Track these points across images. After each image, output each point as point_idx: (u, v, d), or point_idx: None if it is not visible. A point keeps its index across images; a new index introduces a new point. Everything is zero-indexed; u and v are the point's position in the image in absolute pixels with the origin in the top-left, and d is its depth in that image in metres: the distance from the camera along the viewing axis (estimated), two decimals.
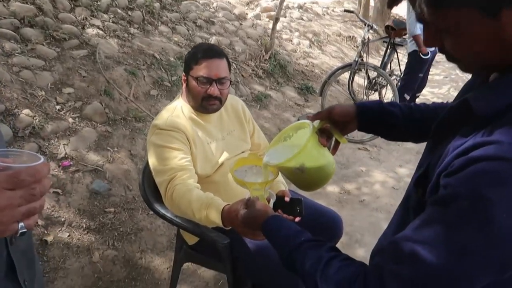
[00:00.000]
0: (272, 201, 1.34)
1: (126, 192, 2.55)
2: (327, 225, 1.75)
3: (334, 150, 1.09)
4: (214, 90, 1.54)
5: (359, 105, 1.00)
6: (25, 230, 0.60)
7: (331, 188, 3.18)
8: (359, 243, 2.57)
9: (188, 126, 1.57)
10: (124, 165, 2.68)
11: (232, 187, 1.64)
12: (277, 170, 1.17)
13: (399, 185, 3.37)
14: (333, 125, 1.02)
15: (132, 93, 3.26)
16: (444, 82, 6.84)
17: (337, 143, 1.08)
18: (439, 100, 2.49)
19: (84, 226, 2.23)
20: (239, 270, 1.59)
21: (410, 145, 4.10)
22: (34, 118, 2.57)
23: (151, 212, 2.43)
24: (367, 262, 0.75)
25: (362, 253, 2.47)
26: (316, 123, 1.03)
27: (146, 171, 1.69)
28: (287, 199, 1.70)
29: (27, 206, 0.59)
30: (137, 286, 2.06)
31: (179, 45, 4.24)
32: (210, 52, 1.57)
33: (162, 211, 1.62)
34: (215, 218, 1.32)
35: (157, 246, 2.31)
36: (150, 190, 1.69)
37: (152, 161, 1.53)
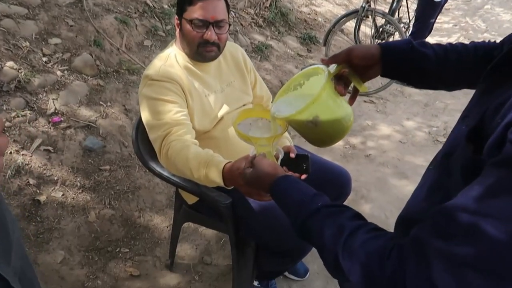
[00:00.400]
0: (280, 158, 1.21)
1: (121, 148, 2.42)
2: (334, 181, 1.64)
3: (351, 100, 0.94)
4: (211, 34, 1.37)
5: (385, 45, 0.84)
6: None
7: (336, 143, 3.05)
8: (365, 199, 2.48)
9: (183, 76, 1.41)
10: (118, 121, 2.53)
11: (234, 143, 1.51)
12: (287, 124, 1.03)
13: (406, 139, 3.24)
14: (352, 70, 0.87)
15: (124, 43, 3.04)
16: (454, 31, 6.52)
17: (356, 92, 0.93)
18: None
19: (79, 184, 2.13)
20: (242, 230, 1.50)
21: (418, 97, 3.93)
22: (19, 71, 2.39)
23: None
24: (372, 218, 0.63)
25: (368, 210, 2.38)
26: (332, 68, 0.88)
27: (140, 127, 1.55)
28: (292, 155, 1.56)
29: None
30: (136, 246, 1.99)
31: None
32: None
33: (158, 169, 1.50)
34: (216, 177, 1.20)
35: (156, 204, 2.22)
36: (145, 147, 1.56)
37: (145, 115, 1.39)
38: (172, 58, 1.45)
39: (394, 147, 3.11)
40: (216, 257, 2.02)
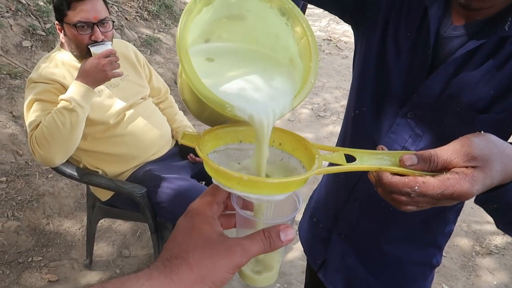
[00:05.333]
0: None
1: (16, 158, 2.31)
2: None
3: None
4: (98, 34, 1.43)
5: None
6: None
7: None
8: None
9: (68, 75, 1.46)
10: (7, 129, 2.40)
11: (141, 137, 1.60)
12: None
13: (294, 117, 3.61)
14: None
15: None
16: None
17: None
18: None
19: None
20: (159, 215, 1.62)
21: None
22: None
23: (51, 175, 2.28)
24: None
25: None
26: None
27: None
28: None
29: None
30: (49, 252, 1.97)
31: None
32: None
33: (69, 170, 1.54)
34: (77, 88, 1.33)
35: (63, 209, 2.19)
36: None
37: (26, 115, 1.43)
38: (56, 60, 1.49)
39: (283, 125, 3.46)
40: (134, 249, 2.10)
